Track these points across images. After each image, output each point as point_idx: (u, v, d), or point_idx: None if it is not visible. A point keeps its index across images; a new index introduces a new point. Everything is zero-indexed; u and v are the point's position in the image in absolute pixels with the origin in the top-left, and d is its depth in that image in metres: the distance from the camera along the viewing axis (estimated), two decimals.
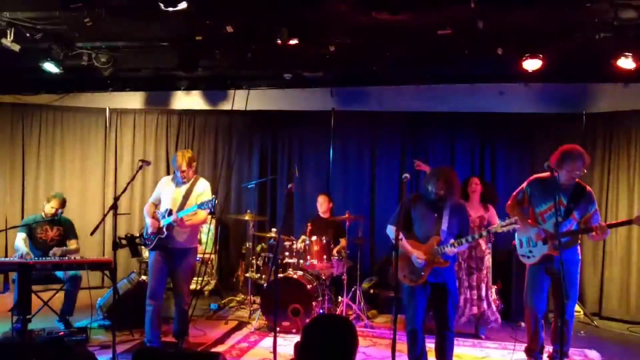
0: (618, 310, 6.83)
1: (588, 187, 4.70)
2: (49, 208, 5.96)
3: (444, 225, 4.40)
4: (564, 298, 4.22)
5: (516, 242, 4.84)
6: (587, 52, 5.87)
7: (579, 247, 4.77)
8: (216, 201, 4.97)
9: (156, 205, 5.36)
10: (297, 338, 2.33)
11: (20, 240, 5.84)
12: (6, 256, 7.17)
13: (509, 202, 4.89)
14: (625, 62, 5.72)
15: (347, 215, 6.46)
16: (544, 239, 4.58)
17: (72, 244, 6.00)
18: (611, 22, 4.85)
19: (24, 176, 8.08)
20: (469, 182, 6.09)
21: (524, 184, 4.84)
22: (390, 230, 4.54)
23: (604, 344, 5.81)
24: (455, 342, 4.72)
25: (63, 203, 6.04)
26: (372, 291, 7.13)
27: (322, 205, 7.06)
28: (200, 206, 4.95)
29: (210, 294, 7.62)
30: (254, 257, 6.97)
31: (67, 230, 6.08)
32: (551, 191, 4.34)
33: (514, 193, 4.90)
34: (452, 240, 4.35)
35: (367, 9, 4.90)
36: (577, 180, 4.63)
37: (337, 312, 6.26)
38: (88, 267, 5.42)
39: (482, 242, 5.83)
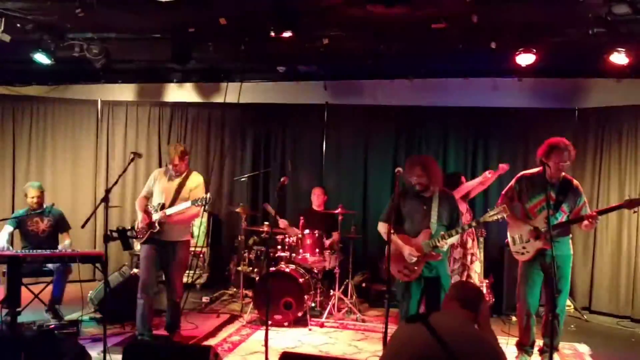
0: (608, 305, 6.86)
1: (575, 181, 4.72)
2: (30, 199, 5.92)
3: (433, 218, 4.39)
4: (555, 292, 4.24)
5: (509, 239, 4.85)
6: (580, 47, 5.87)
7: (570, 241, 4.79)
8: (210, 199, 4.97)
9: (148, 198, 5.33)
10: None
11: (4, 233, 5.80)
12: None
13: (499, 201, 4.88)
14: (618, 58, 5.73)
15: (340, 209, 6.46)
16: (536, 235, 4.59)
17: (64, 238, 5.98)
18: (604, 17, 4.85)
19: (15, 168, 8.02)
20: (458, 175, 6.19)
21: (512, 181, 4.84)
22: (382, 227, 4.54)
23: (594, 338, 5.85)
24: None
25: (41, 190, 5.98)
26: (364, 285, 7.16)
27: (318, 197, 7.03)
28: (194, 202, 4.96)
29: (202, 287, 7.60)
30: (246, 250, 6.96)
31: (58, 221, 6.04)
32: (540, 186, 4.34)
33: (503, 192, 4.89)
34: (442, 233, 4.36)
35: (362, 2, 4.88)
36: (564, 174, 4.65)
37: (329, 306, 6.24)
38: (79, 260, 5.38)
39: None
